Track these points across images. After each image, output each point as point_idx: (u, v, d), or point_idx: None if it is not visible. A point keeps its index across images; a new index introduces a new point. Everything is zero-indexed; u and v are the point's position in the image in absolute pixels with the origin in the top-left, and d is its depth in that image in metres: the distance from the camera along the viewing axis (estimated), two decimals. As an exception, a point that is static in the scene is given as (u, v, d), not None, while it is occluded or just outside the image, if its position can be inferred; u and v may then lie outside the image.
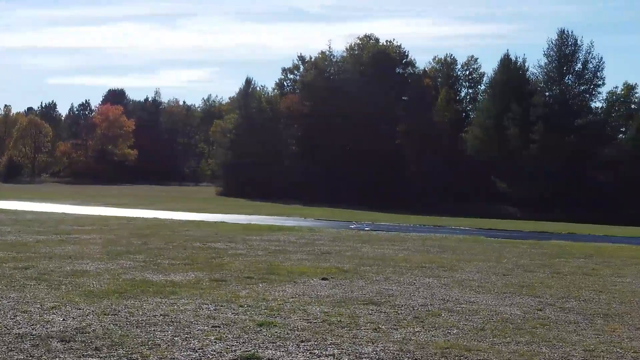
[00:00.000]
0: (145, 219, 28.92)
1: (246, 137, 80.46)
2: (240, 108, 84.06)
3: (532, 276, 14.53)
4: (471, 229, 33.28)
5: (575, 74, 69.40)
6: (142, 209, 38.97)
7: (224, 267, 13.97)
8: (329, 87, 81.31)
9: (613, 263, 17.89)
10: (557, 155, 64.57)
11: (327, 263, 15.43)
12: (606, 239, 28.67)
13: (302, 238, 22.02)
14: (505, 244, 22.84)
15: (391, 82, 79.83)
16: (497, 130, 68.79)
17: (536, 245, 23.00)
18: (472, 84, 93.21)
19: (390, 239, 23.38)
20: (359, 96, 76.94)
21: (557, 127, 65.27)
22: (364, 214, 46.22)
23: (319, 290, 11.43)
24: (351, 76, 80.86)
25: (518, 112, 66.87)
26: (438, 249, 20.20)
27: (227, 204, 56.50)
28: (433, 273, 14.38)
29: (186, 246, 17.97)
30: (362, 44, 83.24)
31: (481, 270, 15.25)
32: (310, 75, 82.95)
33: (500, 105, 69.79)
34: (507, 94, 69.41)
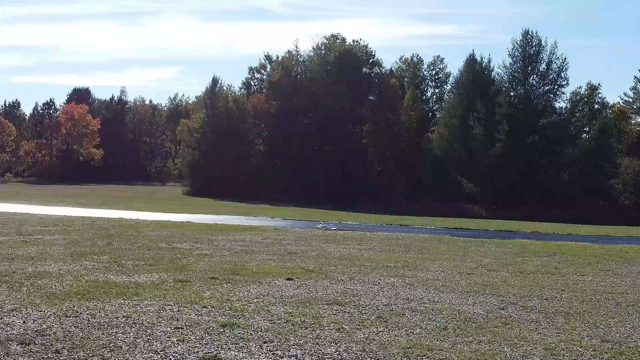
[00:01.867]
0: (110, 219, 28.63)
1: (213, 137, 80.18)
2: (206, 107, 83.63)
3: (495, 275, 14.67)
4: (437, 228, 33.47)
5: (540, 74, 70.05)
6: (107, 209, 38.57)
7: (189, 268, 13.89)
8: (296, 86, 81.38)
9: (575, 262, 18.11)
10: (521, 154, 65.22)
11: (293, 263, 15.43)
12: (569, 237, 29.01)
13: (268, 238, 21.98)
14: (470, 243, 23.02)
15: (357, 82, 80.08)
16: (463, 130, 69.28)
17: (500, 244, 23.22)
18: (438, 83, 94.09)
19: (356, 238, 23.43)
20: (325, 96, 77.08)
21: (522, 127, 65.90)
22: (331, 214, 46.26)
23: (284, 291, 11.42)
24: (318, 76, 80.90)
25: (483, 111, 67.47)
26: (403, 248, 20.30)
27: (193, 203, 56.17)
28: (397, 272, 14.44)
29: (151, 247, 17.83)
30: (329, 44, 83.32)
31: (445, 269, 15.36)
32: (277, 75, 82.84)
33: (465, 104, 70.32)
34: (473, 94, 69.98)
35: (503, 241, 24.40)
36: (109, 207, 41.21)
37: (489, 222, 43.29)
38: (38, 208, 37.09)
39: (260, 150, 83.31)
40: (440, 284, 12.90)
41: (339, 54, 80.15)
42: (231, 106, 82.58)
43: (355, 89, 78.47)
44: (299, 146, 78.55)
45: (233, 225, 28.10)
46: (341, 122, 76.63)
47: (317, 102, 78.15)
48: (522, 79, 69.99)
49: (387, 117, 79.10)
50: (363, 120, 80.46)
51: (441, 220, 42.44)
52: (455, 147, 70.20)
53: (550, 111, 71.22)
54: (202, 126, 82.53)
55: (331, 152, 76.71)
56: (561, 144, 67.68)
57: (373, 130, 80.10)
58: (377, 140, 79.79)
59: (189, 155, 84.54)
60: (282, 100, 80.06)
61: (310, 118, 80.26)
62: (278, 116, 79.71)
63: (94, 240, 19.14)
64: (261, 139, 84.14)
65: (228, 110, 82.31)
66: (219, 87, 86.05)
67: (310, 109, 79.30)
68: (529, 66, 69.52)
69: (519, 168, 65.00)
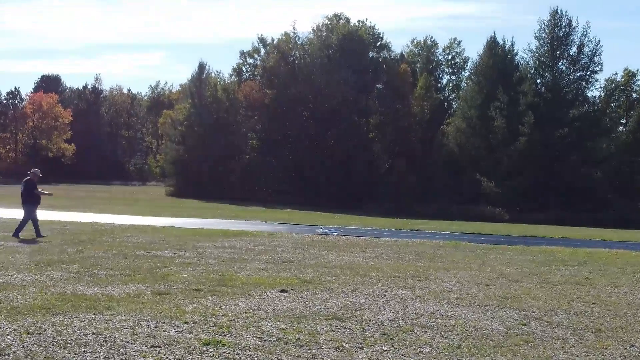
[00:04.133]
0: (82, 224, 28.60)
1: (199, 130, 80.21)
2: (192, 97, 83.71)
3: (517, 286, 14.61)
4: (452, 233, 33.44)
5: (570, 59, 70.05)
6: (79, 212, 38.56)
7: (170, 278, 13.85)
8: (293, 73, 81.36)
9: (609, 271, 18.06)
10: (548, 149, 65.16)
11: (288, 273, 15.39)
12: (602, 244, 28.99)
13: (260, 244, 21.96)
14: (490, 250, 22.97)
15: (363, 68, 79.97)
16: (482, 122, 69.31)
17: (524, 251, 23.17)
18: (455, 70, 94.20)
19: (360, 245, 23.40)
20: (326, 84, 77.01)
21: (549, 119, 65.86)
22: (333, 217, 46.23)
23: (277, 304, 11.38)
24: (318, 61, 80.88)
25: (505, 101, 67.48)
26: (413, 256, 20.26)
27: (177, 205, 56.17)
28: (406, 284, 14.40)
29: (127, 254, 17.79)
30: (331, 25, 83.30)
31: (461, 280, 15.31)
32: (272, 60, 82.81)
33: (485, 93, 70.34)
34: (494, 81, 69.97)
35: (527, 248, 24.36)
36: (81, 210, 41.19)
37: (511, 227, 43.24)
38: (0, 211, 37.02)
39: (253, 145, 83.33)
40: (454, 297, 12.86)
41: (342, 36, 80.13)
42: (220, 95, 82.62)
43: (361, 76, 78.42)
44: (297, 141, 78.59)
45: (221, 230, 28.06)
46: (344, 113, 76.64)
47: (317, 90, 78.13)
48: (549, 64, 70.01)
49: (397, 107, 79.05)
50: (369, 112, 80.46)
51: (457, 224, 42.40)
52: (474, 141, 70.25)
53: (582, 101, 71.26)
54: (187, 118, 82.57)
55: (333, 148, 76.64)
56: (594, 138, 67.68)
57: (380, 122, 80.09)
58: (385, 134, 79.77)
59: (172, 151, 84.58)
60: (277, 89, 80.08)
61: (309, 109, 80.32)
62: (273, 107, 79.72)
63: (62, 247, 19.11)
64: (254, 132, 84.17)
65: (217, 100, 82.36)
66: (207, 74, 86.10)
67: (310, 98, 79.35)
68: (557, 50, 69.52)
69: (546, 165, 65.01)
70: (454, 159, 71.66)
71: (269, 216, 42.95)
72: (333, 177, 73.00)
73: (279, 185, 75.29)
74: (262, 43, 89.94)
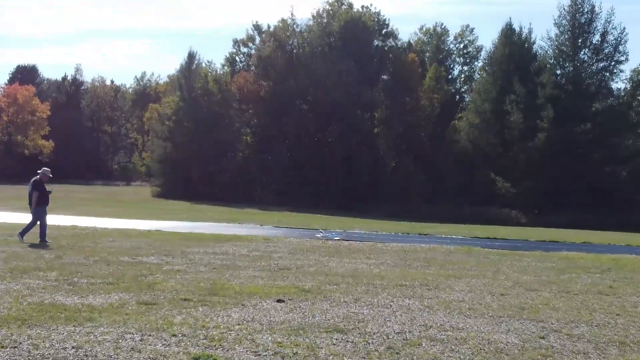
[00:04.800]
0: (61, 227, 28.63)
1: (189, 125, 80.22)
2: (181, 89, 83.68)
3: (535, 296, 14.62)
4: (464, 237, 33.41)
5: (593, 47, 70.02)
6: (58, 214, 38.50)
7: (156, 287, 13.85)
8: (291, 63, 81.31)
9: (634, 279, 18.06)
10: (569, 146, 65.12)
11: (285, 281, 15.39)
12: (628, 249, 28.98)
13: (255, 250, 21.96)
14: (505, 257, 22.97)
15: (367, 58, 80.00)
16: (497, 117, 69.33)
17: (543, 257, 23.16)
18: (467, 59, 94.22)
19: (364, 250, 23.39)
20: (327, 75, 76.99)
21: (570, 113, 65.83)
22: (334, 220, 46.20)
23: (273, 315, 11.38)
24: (318, 50, 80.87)
25: (522, 93, 67.49)
26: (422, 262, 20.26)
27: (165, 207, 56.15)
28: (414, 293, 14.40)
29: (110, 261, 17.80)
30: (332, 11, 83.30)
31: (473, 288, 15.31)
32: (268, 49, 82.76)
33: (500, 85, 70.39)
34: (510, 72, 70.03)
35: (546, 254, 24.35)
36: (60, 211, 41.15)
37: (529, 231, 43.23)
38: (-27, 213, 37.09)
39: (247, 141, 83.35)
40: (466, 307, 12.87)
41: (344, 23, 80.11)
42: (212, 87, 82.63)
43: (365, 67, 78.44)
44: (295, 137, 78.53)
45: (213, 234, 28.05)
46: (347, 107, 76.52)
47: (317, 82, 78.10)
48: (570, 53, 70.00)
49: (404, 101, 79.07)
50: (374, 105, 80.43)
51: (469, 228, 42.38)
52: (488, 137, 70.27)
53: (606, 93, 71.23)
54: (175, 112, 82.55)
55: (335, 145, 76.64)
56: (619, 134, 67.64)
57: (386, 117, 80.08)
58: (391, 129, 79.76)
59: (159, 148, 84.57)
60: (274, 80, 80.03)
61: (309, 102, 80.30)
62: (269, 100, 79.68)
63: (40, 252, 19.12)
64: (248, 127, 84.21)
65: (208, 93, 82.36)
66: (197, 64, 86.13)
67: (309, 91, 79.30)
68: (579, 38, 69.49)
69: (567, 164, 64.96)
70: (466, 157, 71.68)
71: (264, 219, 42.92)
72: (334, 177, 73.01)
73: (275, 186, 75.30)
74: (257, 30, 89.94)
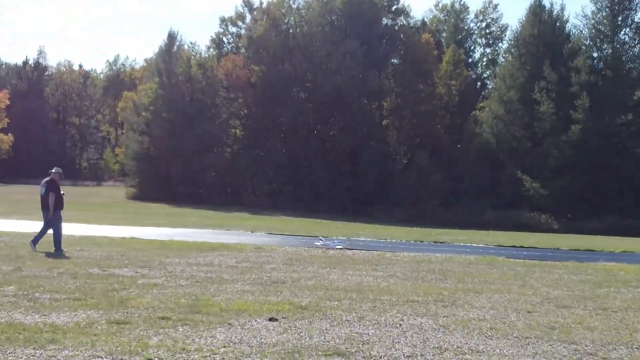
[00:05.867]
0: (21, 235, 28.59)
1: (169, 116, 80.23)
2: (160, 74, 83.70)
3: (567, 313, 14.61)
4: (486, 246, 33.44)
5: (634, 27, 70.01)
6: (17, 219, 38.57)
7: (130, 304, 13.85)
8: (287, 44, 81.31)
9: (683, 294, 18.05)
10: (608, 140, 65.05)
11: (279, 296, 15.39)
12: (676, 259, 28.94)
13: (245, 260, 21.98)
14: (533, 268, 22.98)
15: (375, 39, 80.00)
16: (525, 106, 69.30)
17: (577, 269, 23.17)
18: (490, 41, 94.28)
19: (370, 260, 23.41)
20: (329, 58, 77.05)
21: (609, 102, 65.79)
22: (336, 226, 46.21)
23: (264, 336, 11.37)
24: (318, 29, 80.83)
25: (554, 80, 67.39)
26: (437, 275, 20.27)
27: (141, 211, 56.17)
28: (427, 310, 14.40)
29: (77, 273, 17.80)
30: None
31: (496, 305, 15.31)
32: (260, 29, 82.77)
33: (529, 70, 70.37)
34: (539, 55, 69.98)
35: (580, 265, 24.37)
36: (19, 216, 41.19)
37: (561, 238, 43.23)
38: None
39: (236, 135, 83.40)
40: (487, 327, 12.86)
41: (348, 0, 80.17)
42: (195, 73, 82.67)
43: (372, 49, 78.42)
44: (291, 130, 78.57)
45: (196, 242, 28.08)
46: (351, 95, 76.46)
47: (317, 67, 78.14)
48: (609, 34, 69.97)
49: (417, 88, 79.12)
50: (383, 93, 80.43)
51: (492, 235, 42.40)
52: (514, 130, 70.25)
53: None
54: (153, 101, 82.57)
55: (337, 139, 76.68)
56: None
57: (397, 106, 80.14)
58: (402, 121, 79.83)
59: (135, 143, 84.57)
60: (267, 65, 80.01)
61: (307, 90, 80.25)
62: (262, 87, 79.72)
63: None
64: (238, 119, 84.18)
65: (191, 79, 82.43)
66: (178, 46, 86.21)
67: (308, 76, 79.29)
68: (619, 15, 69.47)
69: (605, 160, 64.94)
70: (489, 153, 71.63)
71: (256, 225, 42.94)
72: (337, 176, 72.97)
73: (268, 186, 75.28)
74: (247, 7, 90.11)
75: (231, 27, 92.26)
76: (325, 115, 77.58)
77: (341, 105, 75.97)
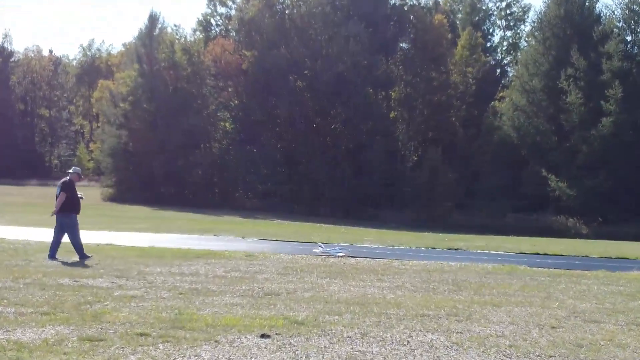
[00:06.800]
0: (-18, 240, 28.64)
1: (150, 108, 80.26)
2: (140, 61, 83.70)
3: (596, 329, 14.61)
4: (506, 253, 33.44)
5: (673, 7, 70.11)
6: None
7: (104, 318, 13.83)
8: (283, 27, 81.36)
9: None
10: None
11: (272, 310, 15.38)
12: None
13: (234, 270, 21.98)
14: (559, 278, 22.99)
15: (382, 21, 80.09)
16: (550, 96, 69.38)
17: (607, 279, 23.18)
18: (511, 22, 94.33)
19: (375, 270, 23.42)
20: (330, 42, 77.06)
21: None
22: (338, 231, 46.24)
23: (255, 355, 11.37)
24: (318, 10, 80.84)
25: (582, 67, 67.40)
26: (451, 286, 20.27)
27: (118, 214, 56.18)
28: (439, 325, 14.39)
29: (46, 284, 17.78)
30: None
31: (516, 319, 15.30)
32: (252, 9, 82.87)
33: (554, 56, 70.40)
34: (566, 40, 69.99)
35: (611, 274, 24.36)
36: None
37: (590, 244, 43.22)
38: None
39: (226, 129, 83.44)
40: (506, 344, 12.86)
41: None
42: (179, 59, 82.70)
43: (378, 32, 78.52)
44: (288, 123, 78.63)
45: (180, 249, 28.08)
46: (355, 84, 76.50)
47: (316, 52, 78.15)
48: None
49: (429, 76, 79.16)
50: (390, 82, 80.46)
51: (513, 240, 42.41)
52: (538, 123, 70.29)
53: (692, 67, 71.25)
54: (132, 91, 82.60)
55: (339, 133, 76.70)
56: None
57: (406, 97, 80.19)
58: (412, 113, 79.85)
59: (112, 138, 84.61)
60: (260, 50, 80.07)
61: (306, 78, 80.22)
62: (254, 75, 79.79)
63: (-45, 273, 19.14)
64: (227, 110, 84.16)
65: (174, 66, 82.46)
66: (160, 29, 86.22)
67: (306, 63, 79.28)
68: (655, -6, 69.57)
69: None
70: (510, 149, 71.71)
71: (248, 229, 42.98)
72: (339, 174, 73.04)
73: (262, 186, 75.35)
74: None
75: (220, 7, 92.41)
76: (325, 106, 77.60)
77: (343, 95, 75.98)
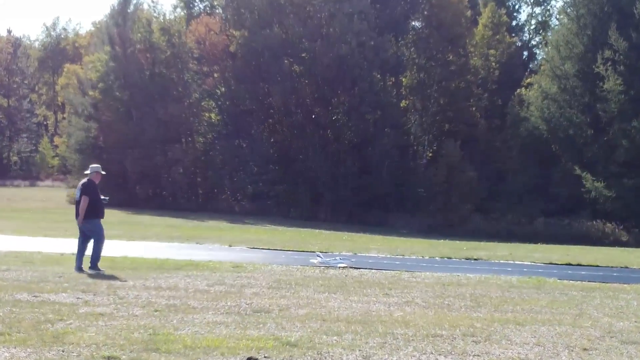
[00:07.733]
0: None
1: (124, 96, 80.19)
2: (112, 42, 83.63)
3: (635, 351, 14.63)
4: (533, 264, 33.48)
5: None
6: None
7: (67, 340, 13.84)
8: (277, 3, 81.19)
9: None
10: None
11: (261, 330, 15.40)
12: None
13: (219, 283, 21.98)
14: (593, 292, 23.01)
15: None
16: (585, 83, 69.30)
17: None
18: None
19: (381, 283, 23.43)
20: (330, 20, 77.00)
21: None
22: (339, 238, 46.26)
23: (240, 381, 11.42)
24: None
25: (622, 49, 67.31)
26: (468, 301, 20.28)
27: (87, 219, 56.13)
28: (454, 347, 14.41)
29: (1, 300, 17.82)
30: None
31: (543, 340, 15.32)
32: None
33: (590, 37, 70.31)
34: (603, 18, 69.91)
35: (654, 288, 24.40)
36: None
37: (631, 253, 43.26)
38: None
39: (211, 120, 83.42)
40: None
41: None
42: (158, 40, 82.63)
43: (387, 7, 78.43)
44: (282, 113, 78.57)
45: (157, 259, 28.10)
46: (360, 68, 76.37)
47: (315, 31, 78.06)
48: (693, -11, 70.04)
49: (446, 59, 79.12)
50: (400, 66, 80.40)
51: (542, 249, 42.44)
52: (571, 114, 70.22)
53: None
54: (103, 77, 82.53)
55: (342, 125, 76.71)
56: None
57: (419, 83, 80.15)
58: (426, 102, 79.85)
59: (80, 132, 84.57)
60: (250, 29, 79.90)
61: (302, 61, 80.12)
62: (244, 58, 79.70)
63: None
64: (213, 99, 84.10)
65: (152, 48, 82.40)
66: (135, 6, 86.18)
67: (304, 44, 79.19)
68: None
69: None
70: (539, 143, 71.66)
71: (235, 236, 42.99)
72: (341, 173, 73.03)
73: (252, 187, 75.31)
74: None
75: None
76: (326, 94, 77.51)
77: (347, 81, 75.92)
